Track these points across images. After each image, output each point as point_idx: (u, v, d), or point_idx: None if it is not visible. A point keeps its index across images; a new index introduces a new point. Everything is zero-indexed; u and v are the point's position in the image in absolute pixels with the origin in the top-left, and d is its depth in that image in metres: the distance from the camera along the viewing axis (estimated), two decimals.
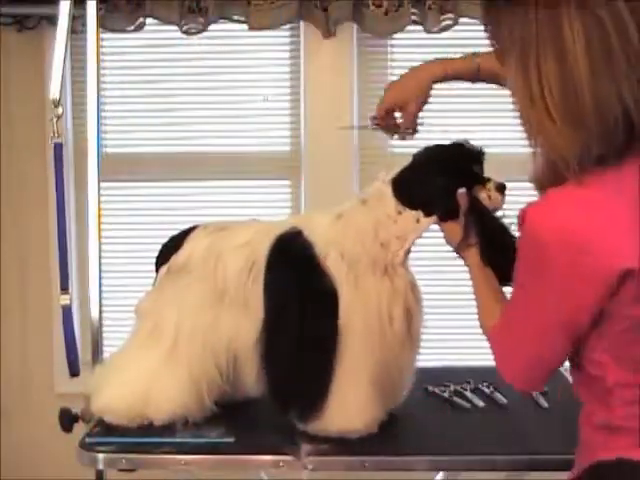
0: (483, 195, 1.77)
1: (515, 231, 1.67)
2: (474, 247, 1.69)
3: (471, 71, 1.79)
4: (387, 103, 1.86)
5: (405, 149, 2.39)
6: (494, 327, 1.51)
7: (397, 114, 1.87)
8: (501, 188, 1.78)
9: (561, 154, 1.31)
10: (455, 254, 1.76)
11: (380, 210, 1.81)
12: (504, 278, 1.64)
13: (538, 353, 1.40)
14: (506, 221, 1.76)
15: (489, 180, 1.79)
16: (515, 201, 1.78)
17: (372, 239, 1.80)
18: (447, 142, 1.81)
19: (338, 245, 1.80)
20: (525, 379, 1.46)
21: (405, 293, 1.82)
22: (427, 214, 1.79)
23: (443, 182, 1.74)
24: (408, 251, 1.83)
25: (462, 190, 1.73)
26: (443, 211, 1.76)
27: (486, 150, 1.80)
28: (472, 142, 1.81)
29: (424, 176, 1.78)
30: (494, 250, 1.67)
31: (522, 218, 1.34)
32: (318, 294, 1.79)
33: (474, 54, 1.81)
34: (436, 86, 1.85)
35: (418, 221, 1.80)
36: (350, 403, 1.79)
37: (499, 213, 1.79)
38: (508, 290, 1.65)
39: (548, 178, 1.35)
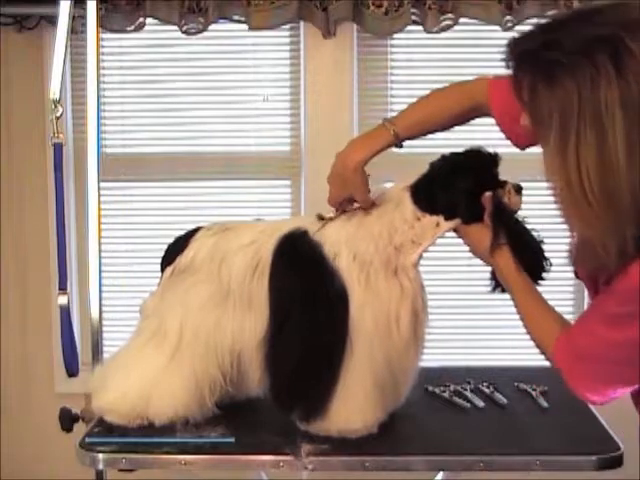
0: (504, 197, 1.78)
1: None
2: (505, 247, 1.70)
3: (392, 142, 1.77)
4: (336, 198, 1.84)
5: (405, 149, 2.40)
6: (560, 349, 1.53)
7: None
8: (518, 189, 1.80)
9: (599, 237, 1.33)
10: (480, 258, 1.77)
11: (396, 215, 1.81)
12: (533, 276, 1.69)
13: (616, 377, 1.46)
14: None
15: (506, 182, 1.80)
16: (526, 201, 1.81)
17: (386, 242, 1.81)
18: (462, 149, 1.83)
19: (350, 246, 1.80)
20: (600, 395, 1.51)
21: (413, 295, 1.82)
22: (448, 218, 1.80)
23: (466, 186, 1.76)
24: (421, 255, 1.84)
25: (488, 193, 1.75)
26: (467, 214, 1.77)
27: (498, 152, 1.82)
28: (486, 147, 1.82)
29: (446, 181, 1.78)
30: (523, 249, 1.71)
31: (627, 271, 1.36)
32: (328, 294, 1.79)
33: (388, 121, 1.78)
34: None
35: (438, 225, 1.80)
36: (353, 403, 1.79)
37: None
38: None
39: (589, 259, 1.38)
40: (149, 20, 2.96)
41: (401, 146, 1.78)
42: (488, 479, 1.89)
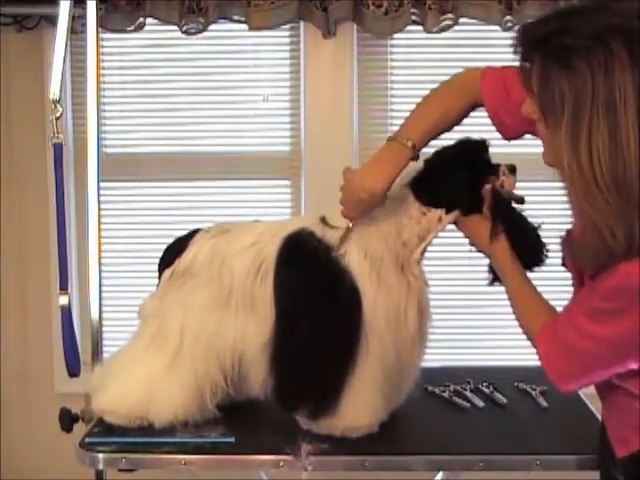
0: (498, 182, 1.82)
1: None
2: (503, 237, 1.74)
3: (412, 157, 1.72)
4: (355, 218, 1.80)
5: None
6: (543, 335, 1.56)
7: None
8: (512, 170, 1.83)
9: (607, 223, 1.33)
10: (478, 249, 1.80)
11: (402, 212, 1.82)
12: (528, 263, 1.74)
13: (594, 370, 1.49)
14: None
15: (499, 165, 1.83)
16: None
17: (395, 239, 1.83)
18: (452, 142, 1.84)
19: (360, 244, 1.81)
20: (573, 384, 1.55)
21: (419, 291, 1.84)
22: (448, 211, 1.82)
23: (462, 177, 1.79)
24: (425, 250, 1.85)
25: (488, 186, 1.78)
26: (466, 205, 1.80)
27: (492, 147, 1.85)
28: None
29: (442, 175, 1.81)
30: (521, 238, 1.75)
31: (616, 269, 1.37)
32: (340, 292, 1.79)
33: (399, 136, 1.72)
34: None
35: (440, 219, 1.83)
36: (365, 400, 1.80)
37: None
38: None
39: (592, 250, 1.37)
40: (149, 20, 2.96)
41: (417, 158, 1.76)
42: (488, 479, 1.89)
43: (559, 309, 1.61)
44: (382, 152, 1.75)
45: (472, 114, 1.81)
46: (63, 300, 2.16)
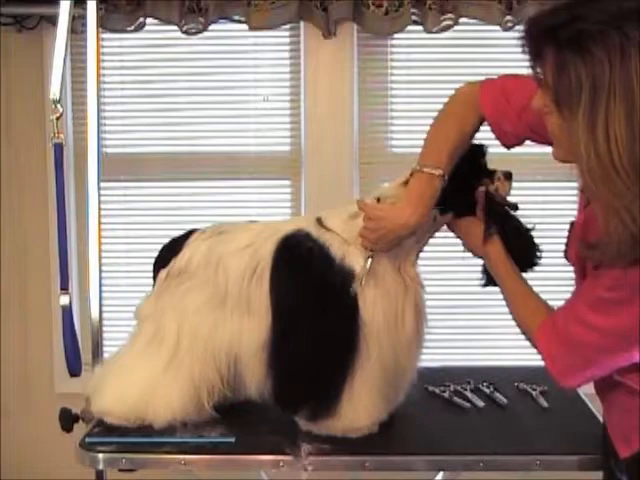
0: (492, 186, 1.82)
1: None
2: (496, 238, 1.74)
3: (442, 185, 1.71)
4: (386, 251, 1.80)
5: (405, 149, 2.42)
6: (543, 332, 1.57)
7: None
8: (508, 176, 1.83)
9: (627, 207, 1.32)
10: (472, 251, 1.80)
11: None
12: (521, 265, 1.74)
13: (598, 363, 1.49)
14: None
15: (495, 171, 1.84)
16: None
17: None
18: None
19: (358, 245, 1.80)
20: (577, 379, 1.55)
21: (415, 292, 1.84)
22: (442, 212, 1.82)
23: (459, 178, 1.78)
24: (420, 251, 1.86)
25: (481, 188, 1.79)
26: (460, 207, 1.80)
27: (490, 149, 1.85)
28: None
29: None
30: (514, 239, 1.75)
31: None
32: (338, 294, 1.79)
33: (427, 166, 1.70)
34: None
35: (435, 219, 1.82)
36: (364, 401, 1.80)
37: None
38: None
39: (622, 242, 1.36)
40: (149, 20, 2.96)
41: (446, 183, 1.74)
42: (488, 479, 1.89)
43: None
44: (416, 186, 1.73)
45: None
46: (64, 300, 2.16)
